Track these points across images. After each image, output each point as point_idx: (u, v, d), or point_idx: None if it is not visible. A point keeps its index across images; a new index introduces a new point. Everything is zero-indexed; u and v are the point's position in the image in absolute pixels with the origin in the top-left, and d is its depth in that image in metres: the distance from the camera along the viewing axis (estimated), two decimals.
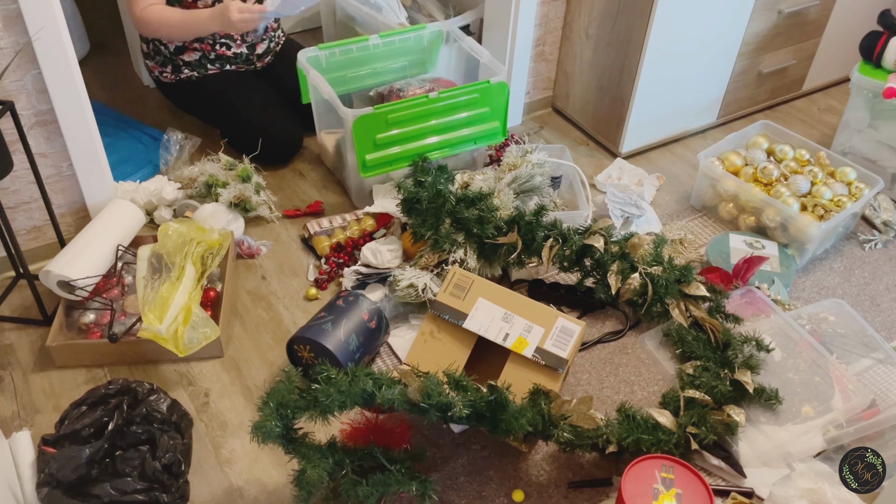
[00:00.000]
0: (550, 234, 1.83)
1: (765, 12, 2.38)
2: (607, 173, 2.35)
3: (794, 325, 1.73)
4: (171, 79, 2.28)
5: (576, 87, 2.53)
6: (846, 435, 1.54)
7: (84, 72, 1.90)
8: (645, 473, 1.34)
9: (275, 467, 1.53)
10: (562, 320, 1.59)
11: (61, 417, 1.46)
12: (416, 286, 1.77)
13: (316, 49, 2.18)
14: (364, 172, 2.04)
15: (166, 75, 2.28)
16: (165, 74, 2.28)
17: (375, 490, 1.35)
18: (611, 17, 2.28)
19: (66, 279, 1.70)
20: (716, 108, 2.55)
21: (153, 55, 2.27)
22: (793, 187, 2.10)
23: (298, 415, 1.33)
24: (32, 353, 1.74)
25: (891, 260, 2.10)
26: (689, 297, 1.76)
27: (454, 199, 1.85)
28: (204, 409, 1.64)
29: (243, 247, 2.01)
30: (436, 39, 2.32)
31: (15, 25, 1.63)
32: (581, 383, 1.73)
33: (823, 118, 2.71)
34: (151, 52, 2.27)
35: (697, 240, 2.13)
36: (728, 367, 1.63)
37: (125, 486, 1.35)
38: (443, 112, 2.06)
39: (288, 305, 1.89)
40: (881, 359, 1.69)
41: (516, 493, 1.50)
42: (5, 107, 1.61)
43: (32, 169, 1.74)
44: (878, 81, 2.20)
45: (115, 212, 1.88)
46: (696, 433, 1.50)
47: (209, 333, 1.67)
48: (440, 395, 1.35)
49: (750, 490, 1.49)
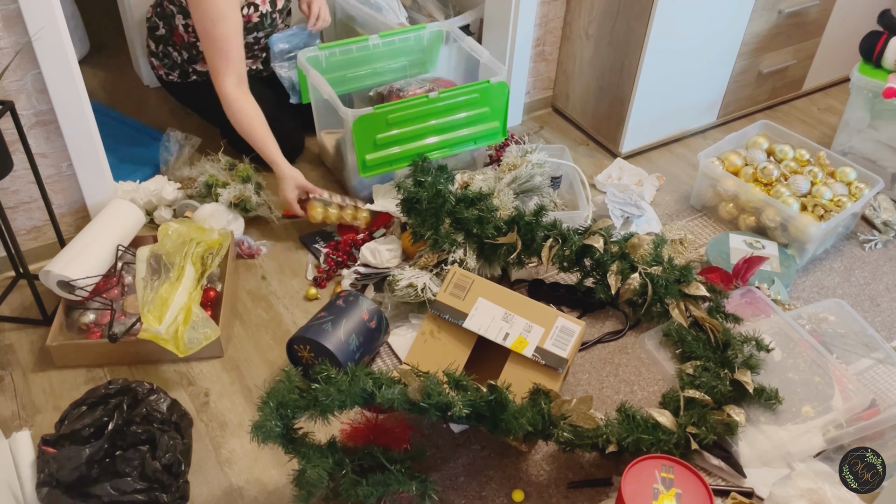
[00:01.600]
0: (550, 235, 1.83)
1: (765, 12, 2.38)
2: (607, 173, 2.35)
3: (794, 325, 1.73)
4: (175, 78, 2.28)
5: (576, 87, 2.53)
6: (846, 435, 1.54)
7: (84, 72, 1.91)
8: (645, 473, 1.34)
9: (275, 467, 1.53)
10: (562, 320, 1.59)
11: (61, 417, 1.46)
12: (416, 286, 1.77)
13: (316, 49, 2.19)
14: (364, 172, 2.04)
15: (172, 77, 2.28)
16: (171, 76, 2.28)
17: (375, 490, 1.35)
18: (611, 17, 2.28)
19: (66, 279, 1.70)
20: (716, 107, 2.55)
21: (162, 57, 2.27)
22: (793, 187, 2.10)
23: (298, 414, 1.33)
24: (32, 353, 1.74)
25: (891, 260, 2.10)
26: (688, 297, 1.76)
27: (454, 199, 1.85)
28: (204, 409, 1.64)
29: (243, 247, 2.01)
30: (436, 39, 2.32)
31: (15, 25, 1.63)
32: (581, 383, 1.73)
33: (823, 118, 2.71)
34: (160, 54, 2.27)
35: (697, 240, 2.13)
36: (728, 367, 1.63)
37: (125, 486, 1.35)
38: (443, 112, 2.07)
39: (288, 305, 1.89)
40: (881, 359, 1.69)
41: (516, 493, 1.50)
42: (5, 107, 1.61)
43: (32, 169, 1.74)
44: (878, 81, 2.20)
45: (115, 212, 1.88)
46: (696, 433, 1.50)
47: (209, 334, 1.67)
48: (440, 395, 1.35)
49: (750, 490, 1.49)
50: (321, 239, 2.06)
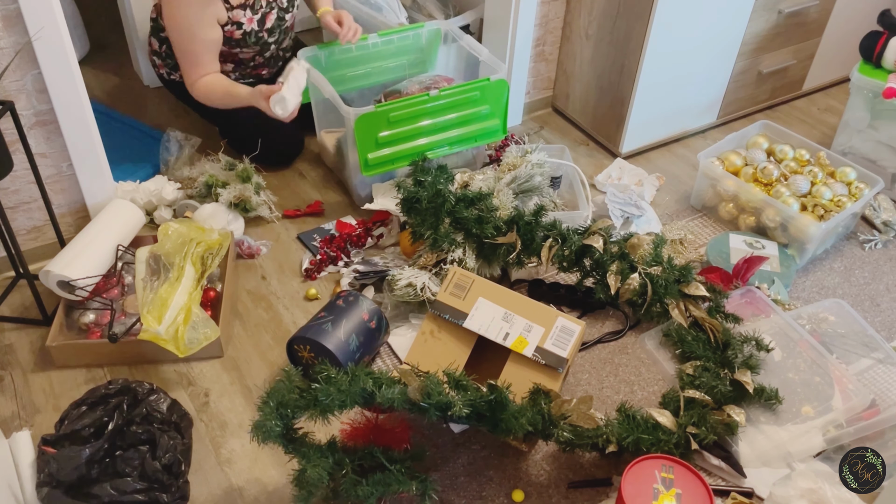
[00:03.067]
0: (550, 235, 1.83)
1: (765, 12, 2.38)
2: (607, 173, 2.35)
3: (794, 325, 1.73)
4: (177, 78, 2.28)
5: (576, 87, 2.53)
6: (846, 435, 1.54)
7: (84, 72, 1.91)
8: (645, 473, 1.34)
9: (275, 467, 1.53)
10: (562, 320, 1.59)
11: (61, 417, 1.45)
12: (415, 285, 1.77)
13: (316, 48, 2.18)
14: (366, 171, 2.04)
15: (174, 76, 2.28)
16: (173, 76, 2.28)
17: (375, 490, 1.35)
18: (611, 17, 2.28)
19: (66, 279, 1.70)
20: (716, 108, 2.55)
21: (164, 56, 2.26)
22: (793, 187, 2.09)
23: (299, 414, 1.33)
24: (32, 353, 1.74)
25: (891, 260, 2.09)
26: (688, 297, 1.76)
27: (454, 198, 1.85)
28: (204, 409, 1.64)
29: (243, 247, 2.01)
30: (434, 38, 2.32)
31: (15, 25, 1.63)
32: (581, 383, 1.73)
33: (823, 118, 2.71)
34: (163, 54, 2.26)
35: (697, 240, 2.13)
36: (728, 367, 1.63)
37: (125, 486, 1.35)
38: (443, 110, 2.06)
39: (288, 305, 1.89)
40: (881, 359, 1.69)
41: (516, 492, 1.50)
42: (5, 107, 1.61)
43: (32, 169, 1.74)
44: (878, 81, 2.20)
45: (115, 212, 1.88)
46: (697, 433, 1.50)
47: (209, 334, 1.67)
48: (440, 395, 1.35)
49: (750, 490, 1.49)
50: (319, 236, 2.07)
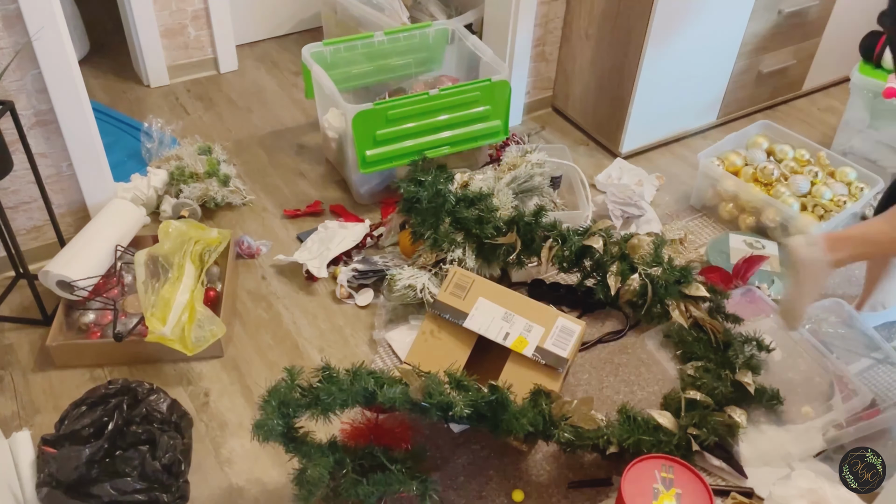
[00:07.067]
0: (550, 235, 1.82)
1: (765, 12, 2.38)
2: (607, 173, 2.35)
3: None
4: None
5: (576, 87, 2.53)
6: (846, 435, 1.54)
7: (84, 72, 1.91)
8: (645, 473, 1.34)
9: (275, 467, 1.53)
10: (562, 320, 1.59)
11: (61, 417, 1.45)
12: (415, 287, 1.77)
13: (321, 45, 2.17)
14: (364, 168, 2.04)
15: None
16: None
17: (376, 489, 1.35)
18: (611, 17, 2.28)
19: (66, 279, 1.70)
20: (716, 107, 2.55)
21: None
22: (793, 187, 2.09)
23: (300, 413, 1.33)
24: (32, 353, 1.74)
25: None
26: (689, 297, 1.76)
27: (454, 198, 1.85)
28: (204, 409, 1.64)
29: (243, 247, 2.01)
30: (441, 37, 2.32)
31: (15, 25, 1.63)
32: (581, 383, 1.73)
33: (823, 118, 2.71)
34: None
35: (697, 240, 2.13)
36: (729, 367, 1.62)
37: (125, 486, 1.35)
38: (444, 109, 2.06)
39: (288, 305, 1.89)
40: (881, 359, 1.69)
41: (516, 492, 1.50)
42: (5, 107, 1.61)
43: (32, 169, 1.74)
44: (878, 81, 2.20)
45: (114, 212, 1.88)
46: (698, 434, 1.50)
47: (216, 331, 1.67)
48: (441, 395, 1.35)
49: (750, 490, 1.49)
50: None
